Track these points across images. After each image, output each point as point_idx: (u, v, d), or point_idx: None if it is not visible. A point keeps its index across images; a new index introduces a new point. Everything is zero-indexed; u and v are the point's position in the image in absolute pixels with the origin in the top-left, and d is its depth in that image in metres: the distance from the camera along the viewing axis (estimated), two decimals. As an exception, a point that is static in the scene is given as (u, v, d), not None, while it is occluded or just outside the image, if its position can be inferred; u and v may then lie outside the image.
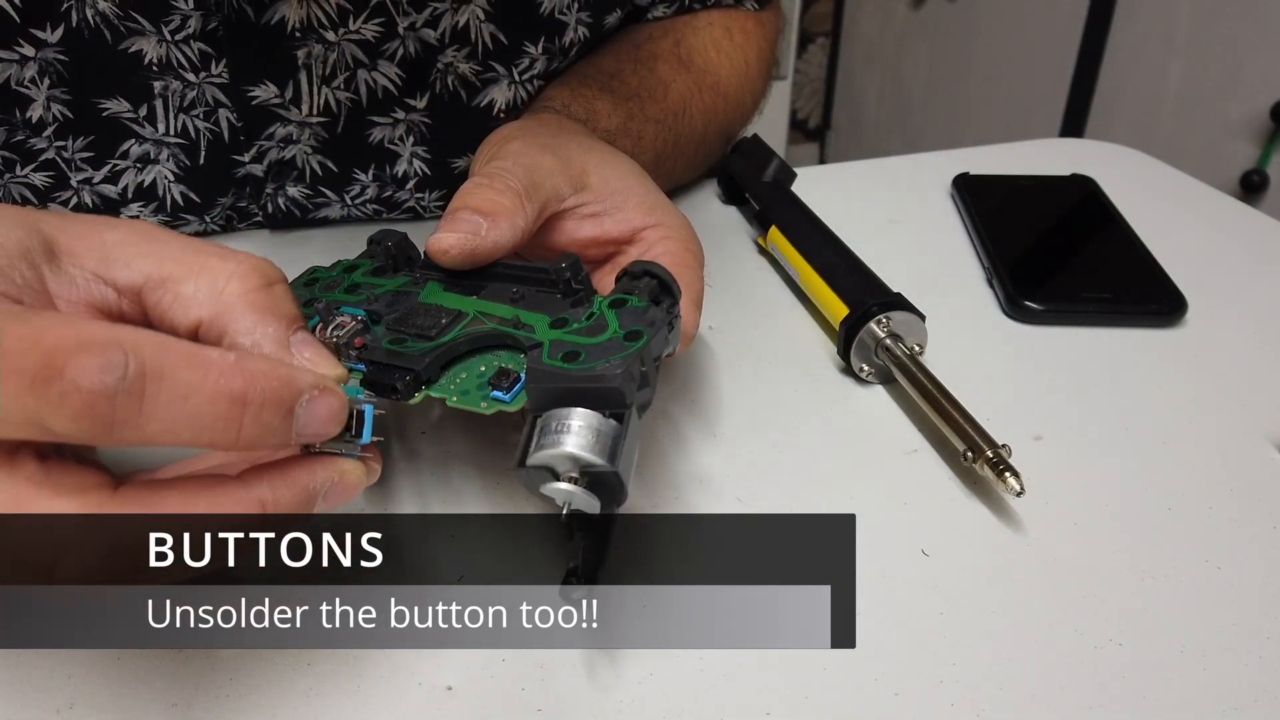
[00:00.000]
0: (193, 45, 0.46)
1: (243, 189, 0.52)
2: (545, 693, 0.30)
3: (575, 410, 0.27)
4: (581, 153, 0.39)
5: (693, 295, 0.35)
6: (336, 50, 0.48)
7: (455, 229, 0.33)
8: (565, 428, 0.27)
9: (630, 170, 0.40)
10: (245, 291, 0.26)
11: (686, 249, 0.38)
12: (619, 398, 0.27)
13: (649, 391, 0.29)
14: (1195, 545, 0.36)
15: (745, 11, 0.60)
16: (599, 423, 0.27)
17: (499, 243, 0.34)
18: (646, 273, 0.32)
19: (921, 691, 0.30)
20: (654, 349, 0.29)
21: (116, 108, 0.47)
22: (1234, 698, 0.30)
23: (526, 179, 0.35)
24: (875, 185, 0.63)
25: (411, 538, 0.35)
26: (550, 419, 0.27)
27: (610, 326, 0.29)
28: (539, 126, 0.43)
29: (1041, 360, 0.46)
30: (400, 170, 0.54)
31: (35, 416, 0.21)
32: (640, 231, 0.38)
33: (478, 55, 0.51)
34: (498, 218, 0.34)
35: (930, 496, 0.38)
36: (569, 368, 0.27)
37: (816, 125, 2.27)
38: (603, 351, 0.28)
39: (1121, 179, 0.61)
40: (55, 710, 0.29)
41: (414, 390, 0.30)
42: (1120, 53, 1.49)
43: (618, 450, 0.26)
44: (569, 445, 0.26)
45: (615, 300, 0.31)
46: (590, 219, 0.38)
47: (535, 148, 0.38)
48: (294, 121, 0.50)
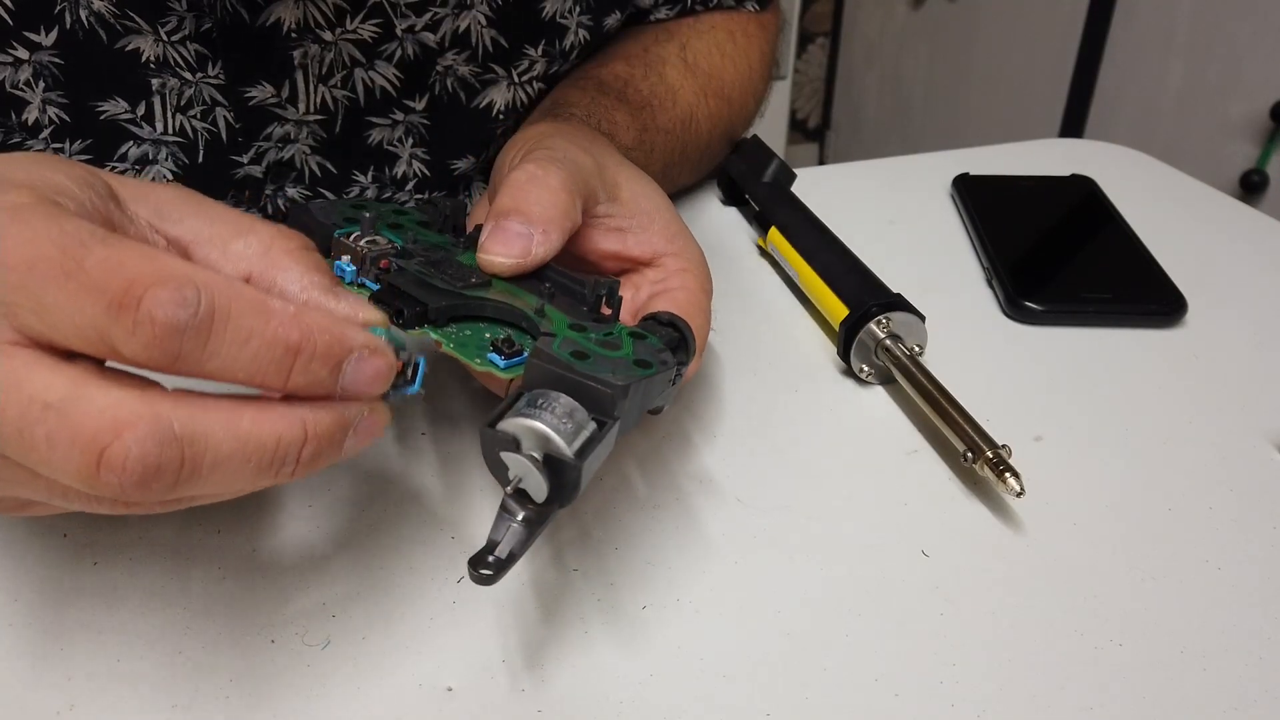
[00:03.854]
0: (189, 46, 0.46)
1: (242, 191, 0.52)
2: (545, 693, 0.30)
3: (565, 397, 0.27)
4: (615, 165, 0.39)
5: (698, 340, 0.35)
6: (333, 50, 0.48)
7: (508, 249, 0.33)
8: (550, 407, 0.27)
9: (657, 193, 0.40)
10: (290, 249, 0.28)
11: (703, 289, 0.38)
12: (610, 405, 0.27)
13: (633, 422, 0.29)
14: (1195, 545, 0.36)
15: (747, 13, 0.60)
16: (583, 417, 0.27)
17: (549, 256, 0.33)
18: (672, 324, 0.32)
19: (921, 691, 0.30)
20: (654, 388, 0.29)
21: (114, 109, 0.47)
22: (1234, 698, 0.30)
23: (576, 173, 0.35)
24: (875, 185, 0.63)
25: (411, 539, 0.35)
26: (539, 395, 0.27)
27: (624, 349, 0.30)
28: (573, 130, 0.42)
29: (1041, 360, 0.46)
30: (399, 172, 0.54)
31: (107, 337, 0.22)
32: (661, 257, 0.38)
33: (477, 58, 0.51)
34: (549, 228, 0.33)
35: (930, 497, 0.38)
36: (574, 363, 0.28)
37: (816, 125, 2.27)
38: (611, 365, 0.28)
39: (1121, 179, 0.61)
40: (55, 711, 0.29)
41: (416, 323, 0.31)
42: (1120, 53, 1.49)
43: (588, 449, 0.26)
44: (547, 423, 0.26)
45: (636, 332, 0.31)
46: (615, 232, 0.38)
47: (577, 148, 0.37)
48: (291, 121, 0.50)
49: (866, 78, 2.13)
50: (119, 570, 0.33)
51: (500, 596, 0.33)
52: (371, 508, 0.36)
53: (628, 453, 0.39)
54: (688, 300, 0.37)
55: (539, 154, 0.36)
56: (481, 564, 0.27)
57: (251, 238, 0.28)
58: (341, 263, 0.33)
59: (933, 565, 0.35)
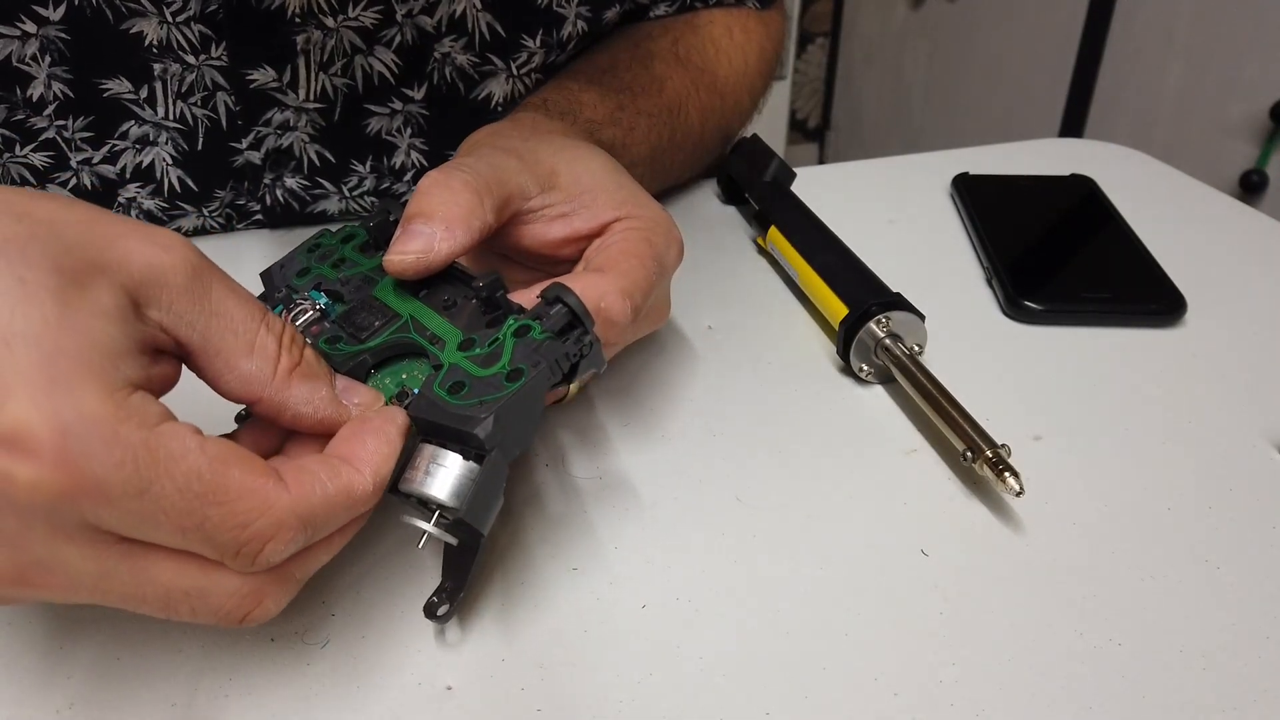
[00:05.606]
0: (193, 27, 0.46)
1: (241, 181, 0.52)
2: (545, 693, 0.30)
3: (444, 453, 0.29)
4: (551, 153, 0.39)
5: (624, 284, 0.34)
6: (335, 36, 0.48)
7: (408, 247, 0.33)
8: (430, 470, 0.29)
9: (603, 166, 0.39)
10: (293, 366, 0.29)
11: (644, 239, 0.37)
12: (479, 444, 0.28)
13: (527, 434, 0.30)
14: (1195, 545, 0.36)
15: (747, 10, 0.60)
16: (462, 469, 0.29)
17: (454, 252, 0.33)
18: (559, 299, 0.31)
19: (921, 691, 0.30)
20: (536, 390, 0.29)
21: (117, 88, 0.47)
22: (1234, 698, 0.30)
23: (488, 174, 0.35)
24: (874, 185, 0.63)
25: (411, 538, 0.35)
26: (421, 455, 0.29)
27: (503, 358, 0.30)
28: (510, 129, 0.43)
29: (1041, 360, 0.46)
30: (398, 162, 0.54)
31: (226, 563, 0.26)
32: (609, 225, 0.38)
33: (475, 46, 0.51)
34: (453, 225, 0.33)
35: (930, 496, 0.38)
36: (450, 401, 0.29)
37: (816, 125, 2.27)
38: (484, 388, 0.29)
39: (1121, 179, 0.61)
40: (55, 710, 0.29)
41: None
42: (1120, 53, 1.49)
43: (469, 494, 0.28)
44: (429, 488, 0.28)
45: (521, 327, 0.31)
46: (560, 219, 0.38)
47: (500, 150, 0.38)
48: (291, 107, 0.50)
49: (866, 78, 2.12)
50: (118, 569, 0.33)
51: (500, 596, 0.33)
52: (371, 507, 0.36)
53: (627, 452, 0.39)
54: (620, 248, 0.36)
55: (449, 164, 0.36)
56: (435, 607, 0.31)
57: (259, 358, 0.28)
58: None
59: (932, 564, 0.35)
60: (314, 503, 0.26)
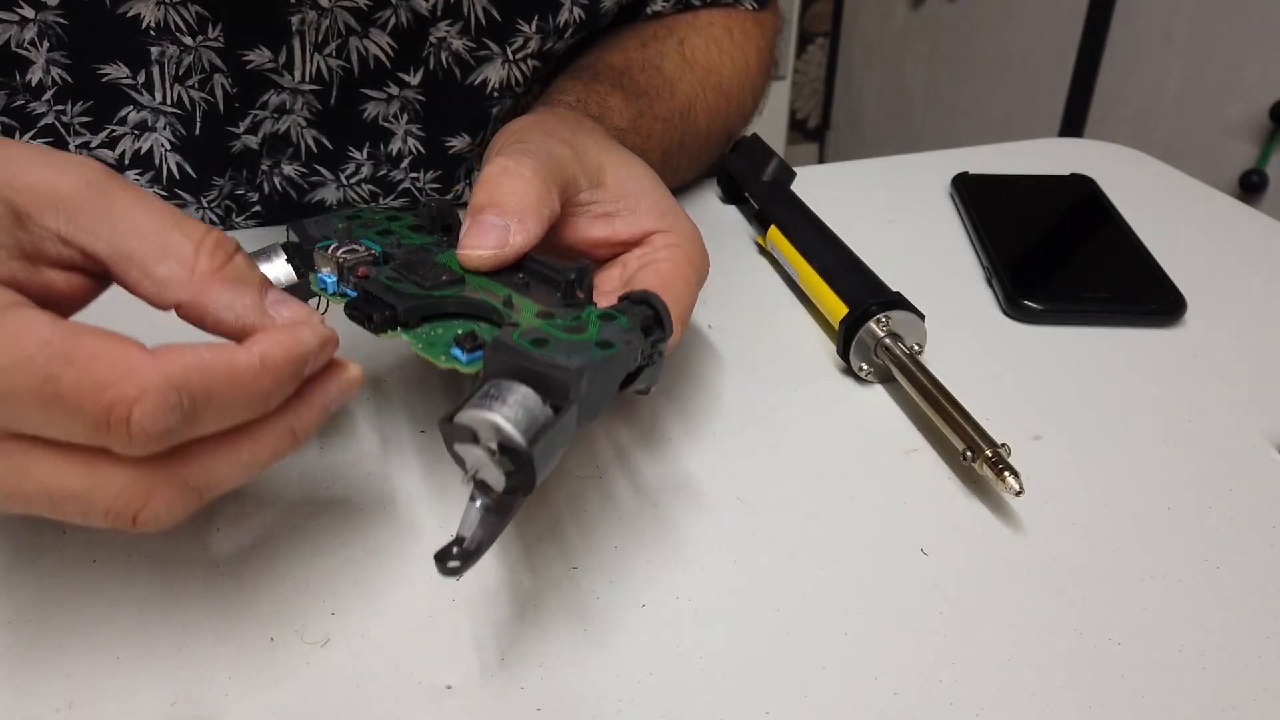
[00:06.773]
0: (189, 8, 0.47)
1: (239, 169, 0.52)
2: (545, 692, 0.30)
3: (518, 385, 0.27)
4: (598, 150, 0.39)
5: (679, 311, 0.35)
6: (330, 16, 0.48)
7: (483, 242, 0.33)
8: (501, 398, 0.27)
9: (645, 173, 0.40)
10: (215, 269, 0.28)
11: (689, 261, 0.37)
12: (564, 389, 0.27)
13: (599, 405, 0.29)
14: (1195, 545, 0.36)
15: (744, 11, 0.60)
16: (535, 405, 0.27)
17: (528, 244, 0.33)
18: (645, 302, 0.31)
19: (921, 691, 0.30)
20: (620, 367, 0.29)
21: (115, 73, 0.47)
22: (1234, 698, 0.30)
23: (550, 162, 0.35)
24: (874, 185, 0.63)
25: (411, 537, 0.35)
26: (493, 385, 0.27)
27: (589, 331, 0.29)
28: (555, 121, 0.42)
29: (1041, 360, 0.46)
30: (394, 149, 0.54)
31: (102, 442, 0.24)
32: (650, 235, 0.38)
33: (470, 31, 0.51)
34: (525, 217, 0.33)
35: (930, 496, 0.38)
36: (531, 350, 0.28)
37: (816, 125, 2.27)
38: (570, 348, 0.28)
39: (1121, 179, 0.61)
40: (55, 709, 0.29)
41: (387, 326, 0.31)
42: (1120, 53, 1.49)
43: (541, 436, 0.26)
44: (497, 414, 0.26)
45: (605, 314, 0.31)
46: (602, 219, 0.38)
47: (554, 140, 0.37)
48: (287, 89, 0.50)
49: (866, 78, 2.12)
50: (118, 567, 0.33)
51: (500, 596, 0.33)
52: (371, 506, 0.36)
53: (627, 451, 0.39)
54: (670, 270, 0.36)
55: (512, 148, 0.35)
56: (448, 557, 0.27)
57: (174, 261, 0.27)
58: (323, 274, 0.33)
59: (932, 564, 0.35)
60: (186, 364, 0.24)
